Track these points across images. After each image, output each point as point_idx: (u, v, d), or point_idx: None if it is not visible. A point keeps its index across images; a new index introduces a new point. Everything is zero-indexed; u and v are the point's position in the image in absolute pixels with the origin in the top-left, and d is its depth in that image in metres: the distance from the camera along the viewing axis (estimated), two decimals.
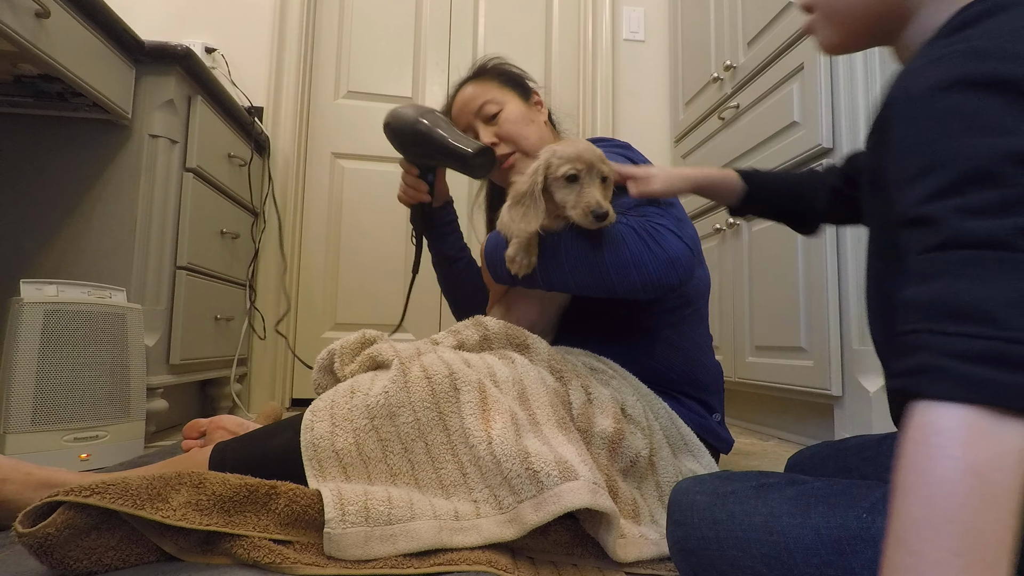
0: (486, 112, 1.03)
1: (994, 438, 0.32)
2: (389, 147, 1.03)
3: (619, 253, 0.76)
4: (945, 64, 0.40)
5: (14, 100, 1.22)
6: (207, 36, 2.03)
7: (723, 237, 1.83)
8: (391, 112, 1.01)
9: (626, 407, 0.80)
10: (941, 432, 0.33)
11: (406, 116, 0.98)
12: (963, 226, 0.36)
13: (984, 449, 0.32)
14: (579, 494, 0.62)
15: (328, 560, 0.60)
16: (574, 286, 0.81)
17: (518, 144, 1.02)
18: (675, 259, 0.76)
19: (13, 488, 0.66)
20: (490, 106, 1.03)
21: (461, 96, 1.06)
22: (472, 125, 1.05)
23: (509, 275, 0.85)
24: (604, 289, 0.79)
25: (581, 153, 0.76)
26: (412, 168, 1.02)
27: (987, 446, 0.32)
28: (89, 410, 1.03)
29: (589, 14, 2.35)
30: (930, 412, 0.34)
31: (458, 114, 1.06)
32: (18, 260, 1.25)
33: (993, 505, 0.32)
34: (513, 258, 0.79)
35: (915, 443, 0.34)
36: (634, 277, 0.76)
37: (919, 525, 0.33)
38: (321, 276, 2.12)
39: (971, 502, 0.32)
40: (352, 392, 0.73)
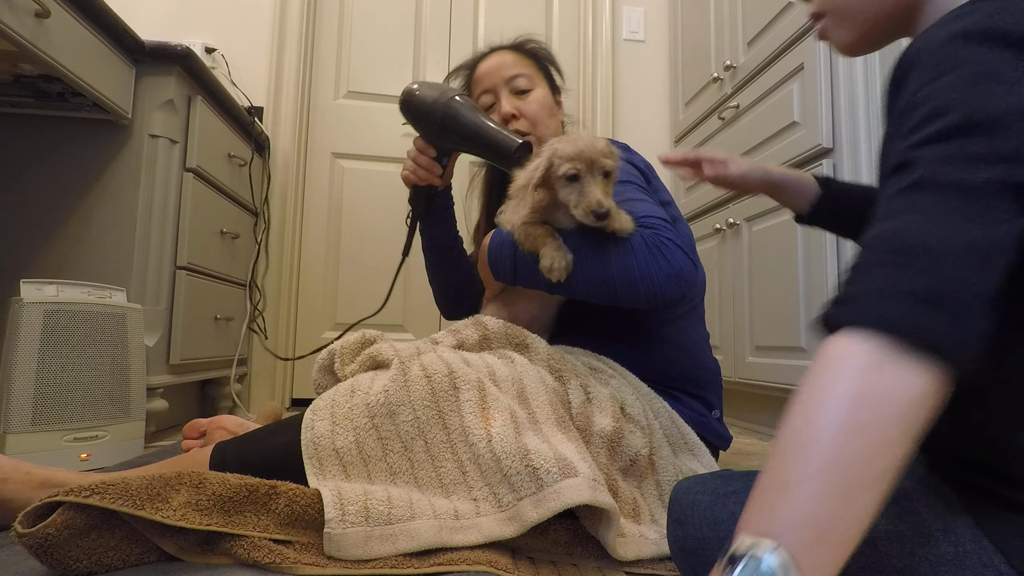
0: (517, 85, 1.02)
1: (895, 371, 0.31)
2: (389, 147, 1.02)
3: (627, 264, 0.76)
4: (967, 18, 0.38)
5: (14, 100, 1.22)
6: (207, 36, 2.03)
7: (723, 237, 1.83)
8: (411, 90, 0.95)
9: (625, 406, 0.80)
10: (846, 356, 0.33)
11: (433, 97, 0.93)
12: (942, 170, 0.35)
13: (880, 378, 0.31)
14: (579, 490, 0.62)
15: (328, 560, 0.60)
16: (578, 292, 0.81)
17: (536, 128, 1.02)
18: (679, 273, 0.76)
19: (13, 488, 0.66)
20: (522, 80, 1.02)
21: (495, 58, 1.05)
22: (496, 89, 1.03)
23: (512, 275, 0.85)
24: (608, 297, 0.79)
25: (582, 151, 0.75)
26: (430, 149, 0.98)
27: (885, 376, 0.31)
28: (89, 410, 1.03)
29: (589, 14, 2.35)
30: (841, 338, 0.33)
31: (486, 74, 1.04)
32: (18, 260, 1.25)
33: (870, 435, 0.31)
34: (551, 267, 0.78)
35: (817, 364, 0.34)
36: (639, 288, 0.76)
37: (791, 440, 0.33)
38: (321, 276, 2.12)
39: (850, 426, 0.31)
40: (352, 391, 0.73)
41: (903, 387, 0.31)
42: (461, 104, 0.93)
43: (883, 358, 0.32)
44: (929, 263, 0.32)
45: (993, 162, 0.34)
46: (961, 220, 0.33)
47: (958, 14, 0.40)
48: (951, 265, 0.32)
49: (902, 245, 0.34)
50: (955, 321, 0.31)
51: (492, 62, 1.05)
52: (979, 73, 0.36)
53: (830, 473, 0.31)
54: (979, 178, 0.34)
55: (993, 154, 0.34)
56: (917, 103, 0.39)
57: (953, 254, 0.32)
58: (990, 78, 0.36)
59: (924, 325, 0.31)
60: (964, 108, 0.35)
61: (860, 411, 0.31)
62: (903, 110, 0.40)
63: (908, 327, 0.31)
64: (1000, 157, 0.34)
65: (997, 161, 0.34)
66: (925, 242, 0.33)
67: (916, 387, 0.31)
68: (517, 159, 0.90)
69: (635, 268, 0.76)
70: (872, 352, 0.32)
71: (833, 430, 0.31)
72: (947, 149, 0.35)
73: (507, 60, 1.04)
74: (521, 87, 1.02)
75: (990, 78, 0.36)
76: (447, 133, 0.93)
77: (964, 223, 0.33)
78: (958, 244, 0.32)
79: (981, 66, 0.36)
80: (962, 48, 0.38)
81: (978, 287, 0.32)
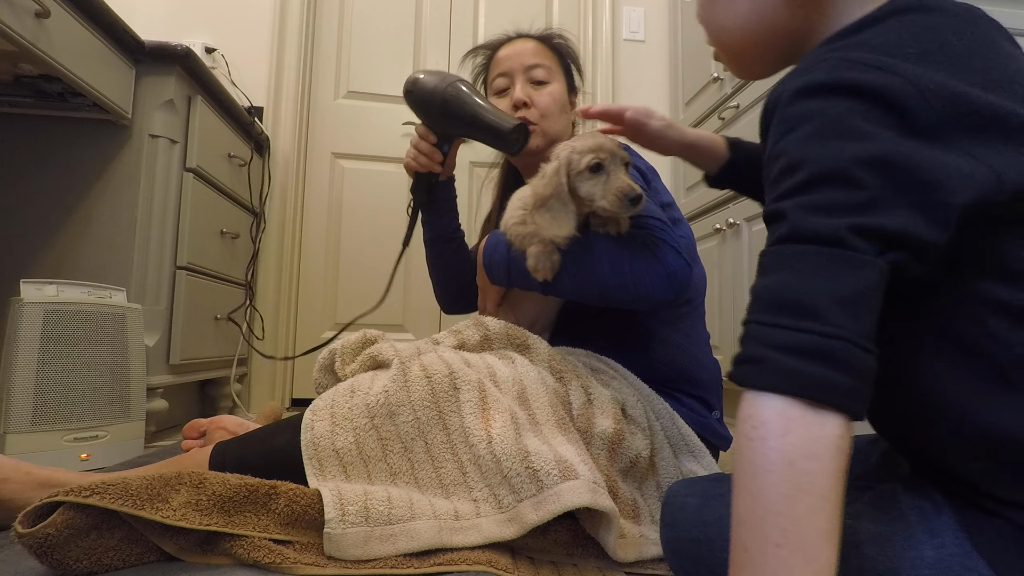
0: (535, 75, 1.01)
1: (808, 428, 0.34)
2: (389, 147, 1.02)
3: (619, 265, 0.76)
4: (815, 71, 0.41)
5: (14, 100, 1.22)
6: (207, 36, 2.03)
7: (723, 237, 1.83)
8: (415, 77, 0.95)
9: (627, 407, 0.80)
10: (761, 424, 0.35)
11: (434, 83, 0.93)
12: (805, 221, 0.37)
13: (797, 440, 0.33)
14: (579, 493, 0.62)
15: (328, 560, 0.60)
16: (570, 292, 0.81)
17: (545, 120, 1.00)
18: (672, 274, 0.75)
19: (13, 488, 0.66)
20: (541, 71, 1.01)
21: (519, 44, 1.04)
22: (513, 74, 1.02)
23: (506, 276, 0.85)
24: (600, 298, 0.79)
25: (601, 143, 0.75)
26: (430, 135, 0.97)
27: (801, 436, 0.34)
28: (89, 410, 1.03)
29: (589, 14, 2.35)
30: (754, 403, 0.36)
31: (506, 57, 1.04)
32: (18, 260, 1.25)
33: (808, 493, 0.33)
34: (536, 267, 0.78)
35: (742, 436, 0.36)
36: (631, 289, 0.76)
37: (747, 519, 0.35)
38: (321, 276, 2.12)
39: (787, 491, 0.33)
40: (352, 391, 0.73)
41: (819, 439, 0.34)
42: (461, 89, 0.93)
43: (793, 418, 0.34)
44: (808, 322, 0.35)
45: (848, 210, 0.36)
46: (829, 272, 0.36)
47: (811, 63, 0.42)
48: (828, 320, 0.34)
49: (783, 303, 0.36)
50: (843, 372, 0.34)
51: (515, 47, 1.04)
52: (824, 126, 0.39)
53: (789, 542, 0.33)
54: (839, 225, 0.36)
55: (847, 204, 0.37)
56: (776, 154, 0.41)
57: (827, 308, 0.35)
58: (834, 130, 0.38)
59: (817, 384, 0.34)
60: (814, 163, 0.38)
61: (792, 475, 0.33)
62: (768, 157, 0.43)
63: (804, 388, 0.34)
64: (852, 206, 0.36)
65: (850, 209, 0.36)
66: (800, 300, 0.35)
67: (830, 435, 0.34)
68: (514, 141, 0.90)
69: (627, 269, 0.75)
70: (782, 414, 0.34)
71: (776, 499, 0.33)
72: (807, 200, 0.38)
73: (529, 48, 1.03)
74: (538, 78, 1.01)
75: (834, 130, 0.38)
76: (446, 118, 0.93)
77: (832, 275, 0.35)
78: (830, 298, 0.35)
79: (824, 118, 0.39)
80: (807, 103, 0.40)
81: (855, 333, 0.35)
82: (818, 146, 0.39)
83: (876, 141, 0.37)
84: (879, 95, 0.38)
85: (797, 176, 0.39)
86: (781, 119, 0.42)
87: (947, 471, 0.43)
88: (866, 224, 0.36)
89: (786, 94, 0.42)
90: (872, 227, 0.36)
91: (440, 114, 0.93)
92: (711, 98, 1.97)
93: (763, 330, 0.37)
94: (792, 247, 0.37)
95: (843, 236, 0.36)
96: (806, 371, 0.34)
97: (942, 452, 0.43)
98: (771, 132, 0.43)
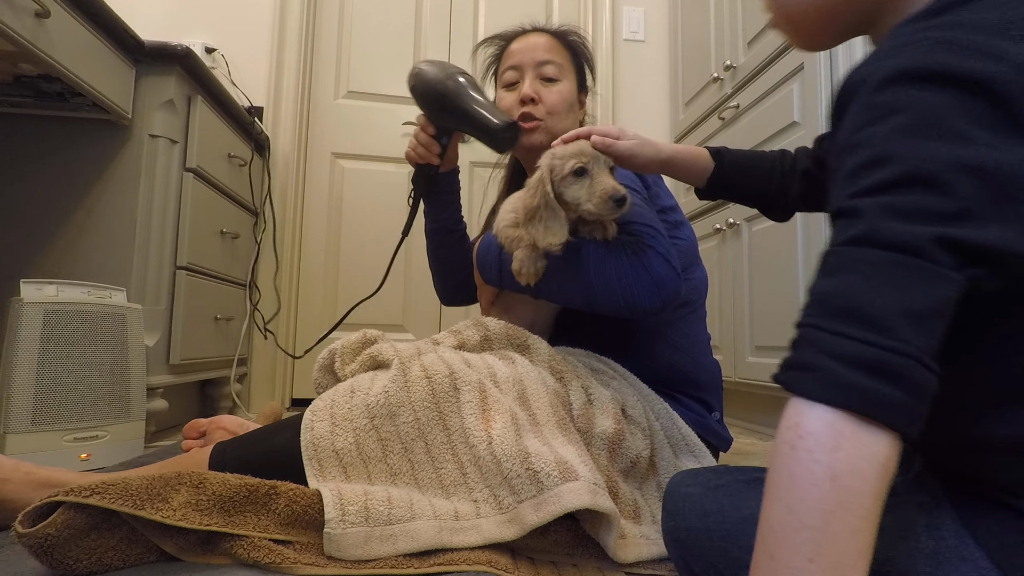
0: (545, 72, 1.00)
1: (857, 446, 0.32)
2: (389, 147, 1.02)
3: (606, 272, 0.75)
4: (911, 52, 0.37)
5: (14, 100, 1.22)
6: (207, 36, 2.03)
7: (723, 237, 1.83)
8: (418, 68, 0.96)
9: (627, 408, 0.80)
10: (808, 435, 0.33)
11: (435, 74, 0.94)
12: (885, 224, 0.34)
13: (846, 456, 0.32)
14: (579, 495, 0.62)
15: (328, 560, 0.60)
16: (559, 298, 0.81)
17: (550, 118, 0.99)
18: (659, 281, 0.74)
19: (13, 488, 0.66)
20: (551, 68, 1.00)
21: (533, 38, 1.03)
22: (523, 68, 1.01)
23: (497, 278, 0.85)
24: (587, 304, 0.79)
25: (583, 147, 0.75)
26: (428, 127, 0.98)
27: (849, 453, 0.32)
28: (89, 410, 1.03)
29: (589, 14, 2.35)
30: (802, 411, 0.34)
31: (519, 50, 1.03)
32: (18, 260, 1.25)
33: (849, 511, 0.32)
34: (520, 271, 0.78)
35: (783, 443, 0.34)
36: (618, 297, 0.75)
37: (779, 529, 0.33)
38: (321, 276, 2.12)
39: (828, 508, 0.32)
40: (352, 392, 0.73)
41: (868, 458, 0.32)
42: (460, 83, 0.93)
43: (844, 433, 0.32)
44: (874, 334, 0.33)
45: (934, 219, 0.34)
46: (903, 284, 0.33)
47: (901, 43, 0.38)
48: (895, 334, 0.33)
49: (847, 311, 0.34)
50: (904, 390, 0.32)
51: (528, 41, 1.03)
52: (918, 120, 0.35)
53: (822, 559, 0.32)
54: (921, 235, 0.33)
55: (935, 211, 0.34)
56: (855, 144, 0.38)
57: (896, 322, 0.33)
58: (929, 127, 0.35)
59: (876, 400, 0.32)
60: (904, 162, 0.35)
61: (836, 492, 0.32)
62: (843, 146, 0.39)
63: (861, 403, 0.32)
64: (940, 215, 0.34)
65: (938, 218, 0.34)
66: (867, 310, 0.33)
67: (879, 455, 0.32)
68: (503, 139, 0.90)
69: (613, 277, 0.75)
70: (832, 427, 0.33)
71: (814, 515, 0.32)
72: (889, 201, 0.35)
73: (543, 43, 1.02)
74: (548, 74, 1.00)
75: (929, 127, 0.35)
76: (443, 110, 0.94)
77: (906, 287, 0.33)
78: (900, 311, 0.33)
79: (919, 111, 0.35)
80: (899, 91, 0.37)
81: (922, 351, 0.33)
82: (909, 143, 0.35)
83: (975, 144, 0.34)
84: (983, 86, 0.34)
85: (881, 173, 0.36)
86: (866, 106, 0.38)
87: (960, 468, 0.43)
88: (954, 236, 0.33)
89: (874, 78, 0.38)
90: (960, 240, 0.33)
91: (438, 106, 0.94)
92: (711, 98, 1.97)
93: (822, 336, 0.34)
94: (866, 251, 0.35)
95: (925, 246, 0.33)
96: (865, 386, 0.32)
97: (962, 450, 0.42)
98: (848, 118, 0.40)
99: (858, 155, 0.37)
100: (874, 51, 0.41)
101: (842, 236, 0.36)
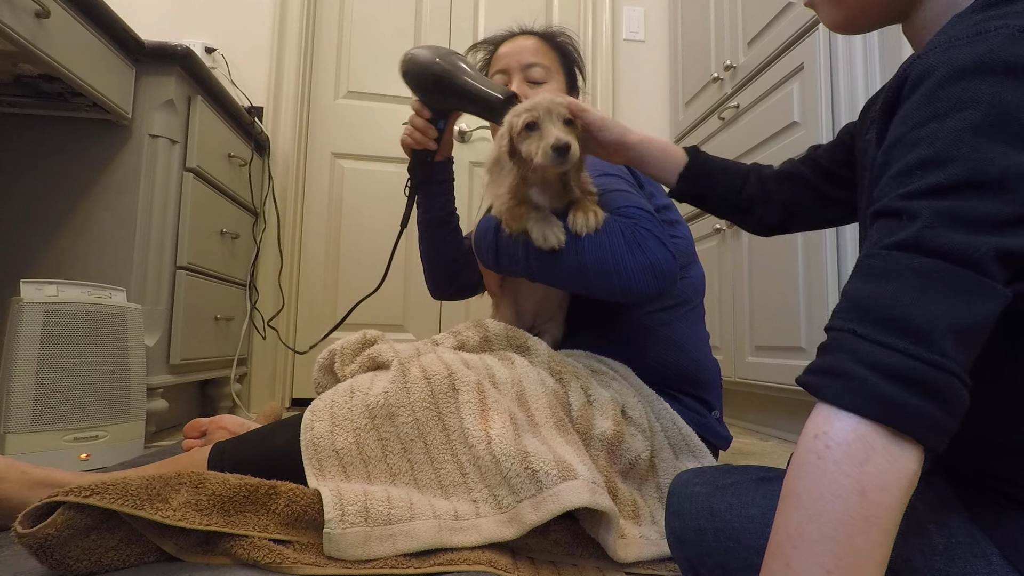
0: (533, 74, 1.00)
1: (887, 460, 0.31)
2: (389, 147, 1.02)
3: (601, 255, 0.75)
4: (986, 41, 0.34)
5: (14, 100, 1.22)
6: (207, 36, 2.03)
7: (723, 237, 1.83)
8: (408, 54, 0.96)
9: (627, 409, 0.80)
10: (837, 445, 0.32)
11: (428, 57, 0.94)
12: (940, 232, 0.32)
13: (875, 470, 0.31)
14: (578, 493, 0.62)
15: (328, 560, 0.60)
16: (556, 281, 0.80)
17: None
18: (654, 264, 0.74)
19: (10, 487, 0.65)
20: (538, 71, 1.00)
21: (519, 41, 1.03)
22: (510, 72, 1.02)
23: (494, 262, 0.85)
24: (583, 287, 0.78)
25: (538, 102, 0.74)
26: (424, 111, 0.97)
27: (879, 467, 0.31)
28: (89, 410, 1.03)
29: (589, 14, 2.35)
30: (831, 420, 0.33)
31: (506, 54, 1.03)
32: (18, 260, 1.25)
33: (873, 525, 0.31)
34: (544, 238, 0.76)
35: (809, 452, 0.33)
36: (613, 280, 0.75)
37: (798, 538, 0.32)
38: (321, 276, 2.12)
39: (852, 521, 0.31)
40: (352, 392, 0.73)
41: (896, 472, 0.31)
42: (455, 63, 0.93)
43: (876, 447, 0.31)
44: (917, 347, 0.31)
45: (992, 228, 0.32)
46: (953, 297, 0.32)
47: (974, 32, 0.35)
48: (939, 349, 0.31)
49: (890, 319, 0.32)
50: (941, 407, 0.31)
51: (516, 44, 1.03)
52: (990, 119, 0.33)
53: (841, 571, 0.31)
54: (977, 246, 0.32)
55: (993, 219, 0.32)
56: (913, 141, 0.35)
57: (942, 336, 0.31)
58: (1003, 128, 0.33)
59: (914, 416, 0.31)
60: (967, 164, 0.33)
61: (862, 506, 0.31)
62: (898, 139, 0.37)
63: (897, 419, 0.31)
64: (998, 222, 0.32)
65: (995, 227, 0.32)
66: (913, 320, 0.32)
67: (908, 470, 0.31)
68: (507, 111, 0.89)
69: (609, 258, 0.74)
70: (864, 439, 0.31)
71: (837, 527, 0.31)
72: (946, 207, 0.33)
73: (530, 46, 1.02)
74: (535, 77, 1.00)
75: (1003, 128, 0.33)
76: (439, 91, 0.93)
77: (956, 301, 0.32)
78: (947, 325, 0.31)
79: (994, 110, 0.33)
80: (971, 84, 0.34)
81: (963, 367, 0.32)
82: (976, 143, 0.33)
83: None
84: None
85: (939, 175, 0.33)
86: (930, 98, 0.35)
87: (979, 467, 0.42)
88: (1010, 247, 0.32)
89: (942, 69, 0.35)
90: (1016, 251, 0.32)
91: (433, 87, 0.93)
92: (711, 98, 1.97)
93: (860, 344, 0.32)
94: (916, 258, 0.33)
95: (980, 259, 0.31)
96: (902, 399, 0.31)
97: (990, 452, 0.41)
98: (907, 111, 0.37)
99: (916, 152, 0.35)
100: (937, 40, 0.38)
101: (889, 239, 0.34)
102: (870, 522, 0.31)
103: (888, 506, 0.31)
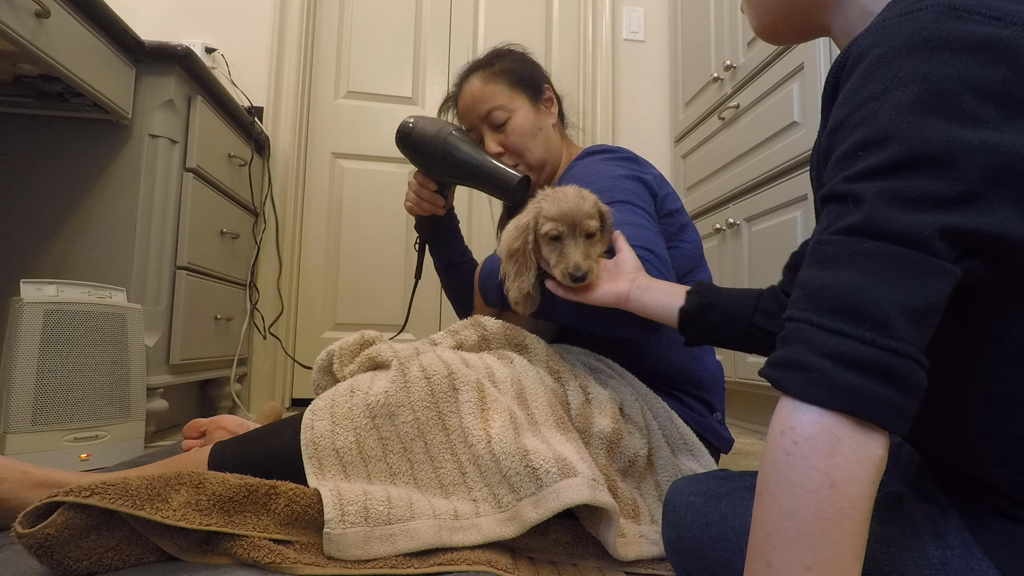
0: (494, 120, 1.00)
1: (854, 450, 0.31)
2: (389, 147, 1.03)
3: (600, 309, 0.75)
4: (919, 19, 0.34)
5: (14, 100, 1.22)
6: (207, 36, 2.03)
7: (723, 237, 1.83)
8: (409, 126, 0.98)
9: (624, 407, 0.80)
10: (804, 440, 0.32)
11: (432, 133, 0.96)
12: (886, 214, 0.32)
13: (843, 461, 0.31)
14: (578, 490, 0.62)
15: (328, 560, 0.60)
16: (560, 323, 0.85)
17: (523, 157, 1.01)
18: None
19: (9, 487, 0.65)
20: (499, 113, 1.00)
21: (469, 91, 1.03)
22: (477, 127, 1.03)
23: (499, 300, 0.86)
24: (585, 330, 0.82)
25: (565, 213, 0.74)
26: (429, 183, 1.01)
27: (846, 458, 0.31)
28: (89, 410, 1.03)
29: (589, 14, 2.35)
30: (796, 414, 0.33)
31: (464, 112, 1.04)
32: (18, 260, 1.25)
33: (846, 517, 0.31)
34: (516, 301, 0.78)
35: (777, 448, 0.33)
36: (615, 328, 0.77)
37: (776, 537, 0.33)
38: (321, 276, 2.12)
39: (826, 515, 0.31)
40: (352, 391, 0.73)
41: (864, 461, 0.31)
42: (460, 140, 0.96)
43: (842, 438, 0.31)
44: (873, 333, 0.31)
45: (935, 206, 0.32)
46: (904, 279, 0.32)
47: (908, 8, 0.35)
48: (895, 334, 0.31)
49: (844, 307, 0.32)
50: (901, 392, 0.31)
51: (466, 98, 1.03)
52: (925, 95, 0.33)
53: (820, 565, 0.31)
54: (923, 226, 0.31)
55: (936, 197, 0.32)
56: (854, 123, 0.35)
57: (896, 320, 0.31)
58: (937, 102, 0.32)
59: (875, 403, 0.31)
60: (906, 141, 0.32)
61: (834, 498, 0.31)
62: (839, 124, 0.37)
63: (860, 407, 0.31)
64: (941, 200, 0.32)
65: (939, 204, 0.32)
66: (866, 306, 0.32)
67: (874, 457, 0.32)
68: (519, 192, 0.94)
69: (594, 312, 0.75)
70: (829, 431, 0.32)
71: (812, 522, 0.31)
72: (889, 187, 0.32)
73: (478, 93, 1.01)
74: (498, 121, 1.00)
75: (937, 102, 0.32)
76: (448, 168, 0.97)
77: (908, 283, 0.32)
78: (901, 308, 0.31)
79: (930, 87, 0.33)
80: (905, 61, 0.33)
81: (919, 349, 0.32)
82: (914, 120, 0.32)
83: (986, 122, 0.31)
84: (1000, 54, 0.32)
85: (881, 154, 0.33)
86: (867, 78, 0.35)
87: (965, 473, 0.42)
88: (959, 225, 0.31)
89: (877, 48, 0.35)
90: (963, 228, 0.32)
91: (440, 164, 0.97)
92: (711, 98, 1.97)
93: (817, 334, 0.32)
94: (865, 242, 0.32)
95: (927, 238, 0.31)
96: (864, 389, 0.31)
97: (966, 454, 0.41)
98: (846, 92, 0.37)
99: (857, 133, 0.35)
100: (873, 24, 0.37)
101: (838, 223, 0.34)
102: (843, 514, 0.31)
103: (859, 496, 0.31)
